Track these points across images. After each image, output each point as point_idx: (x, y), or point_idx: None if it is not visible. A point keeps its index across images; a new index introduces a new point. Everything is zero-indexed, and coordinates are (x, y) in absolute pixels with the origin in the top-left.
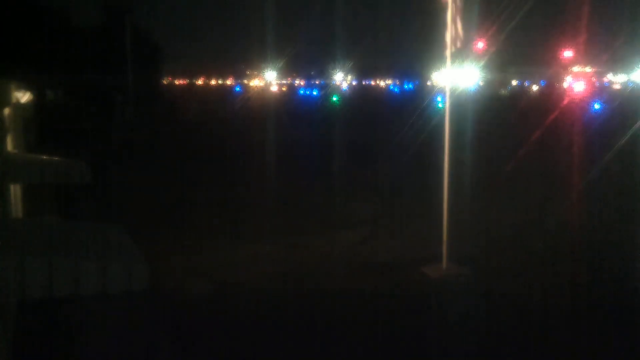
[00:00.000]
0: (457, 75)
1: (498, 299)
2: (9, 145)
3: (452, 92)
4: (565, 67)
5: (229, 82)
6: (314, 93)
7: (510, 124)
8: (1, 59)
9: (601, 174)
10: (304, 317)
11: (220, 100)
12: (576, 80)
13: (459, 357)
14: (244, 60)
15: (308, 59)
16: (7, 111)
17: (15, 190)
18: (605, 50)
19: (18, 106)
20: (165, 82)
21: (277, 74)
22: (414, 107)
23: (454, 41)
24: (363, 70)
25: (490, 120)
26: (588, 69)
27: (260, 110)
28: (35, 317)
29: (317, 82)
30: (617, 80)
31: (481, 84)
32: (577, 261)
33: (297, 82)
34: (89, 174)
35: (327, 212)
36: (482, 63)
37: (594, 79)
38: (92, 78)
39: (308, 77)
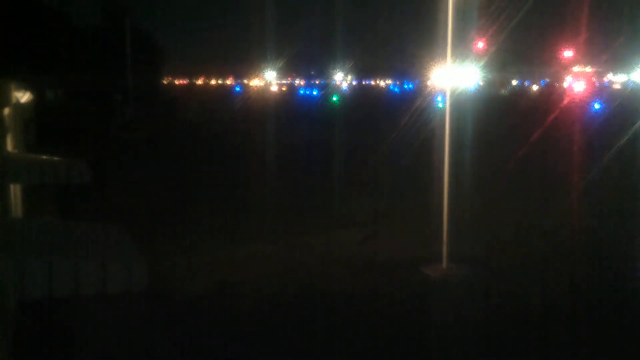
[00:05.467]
0: (458, 75)
1: (498, 298)
2: (9, 145)
3: (452, 92)
4: (565, 67)
5: (229, 82)
6: (314, 93)
7: (510, 123)
8: (1, 59)
9: (601, 173)
10: (304, 317)
11: (220, 100)
12: (576, 80)
13: (459, 356)
14: (244, 60)
15: (308, 59)
16: (7, 111)
17: (15, 190)
18: (605, 50)
19: (18, 106)
20: (165, 82)
21: (277, 73)
22: (414, 107)
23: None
24: (363, 70)
25: (490, 120)
26: (588, 69)
27: (260, 110)
28: (35, 317)
29: (317, 82)
30: (617, 80)
31: (481, 83)
32: (577, 261)
33: (297, 82)
34: (89, 174)
35: (327, 212)
36: (482, 63)
37: (594, 79)
38: (92, 78)
39: (308, 77)
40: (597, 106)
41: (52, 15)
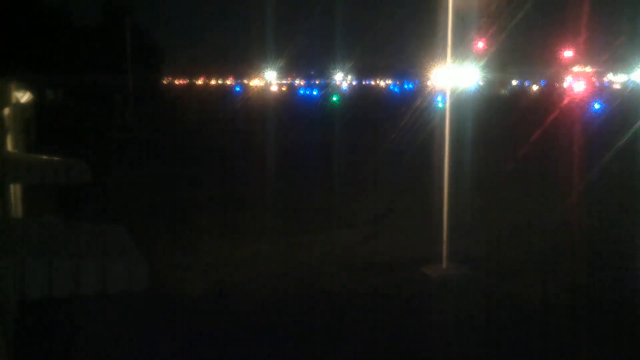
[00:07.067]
0: (457, 75)
1: (498, 298)
2: (9, 145)
3: (452, 92)
4: (565, 67)
5: (229, 82)
6: (314, 93)
7: (510, 123)
8: (1, 59)
9: (601, 174)
10: (304, 317)
11: (220, 100)
12: (576, 80)
13: (459, 357)
14: (244, 60)
15: (308, 59)
16: (7, 111)
17: (15, 190)
18: (605, 50)
19: (18, 106)
20: (165, 82)
21: (277, 73)
22: (414, 107)
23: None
24: (363, 70)
25: (491, 120)
26: (588, 69)
27: (260, 110)
28: (35, 317)
29: (317, 82)
30: (617, 80)
31: (481, 83)
32: (577, 261)
33: (297, 82)
34: (88, 174)
35: (327, 212)
36: (482, 63)
37: (594, 79)
38: (92, 78)
39: (308, 77)
40: (597, 106)
41: (52, 15)
